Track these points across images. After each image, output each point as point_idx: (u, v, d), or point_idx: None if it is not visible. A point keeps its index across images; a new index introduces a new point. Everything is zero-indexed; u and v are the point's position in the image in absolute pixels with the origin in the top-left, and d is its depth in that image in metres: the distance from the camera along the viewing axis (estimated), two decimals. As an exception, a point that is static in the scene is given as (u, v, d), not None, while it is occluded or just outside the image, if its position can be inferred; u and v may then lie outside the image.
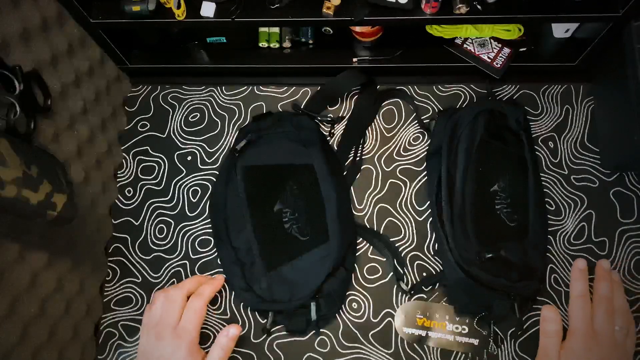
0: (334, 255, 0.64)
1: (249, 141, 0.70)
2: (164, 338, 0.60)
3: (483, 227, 0.64)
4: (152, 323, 0.62)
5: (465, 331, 0.66)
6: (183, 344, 0.60)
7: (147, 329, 0.62)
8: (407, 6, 0.61)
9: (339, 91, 0.76)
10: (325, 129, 0.76)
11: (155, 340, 0.60)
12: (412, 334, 0.66)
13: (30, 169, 0.52)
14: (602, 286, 0.62)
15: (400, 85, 0.77)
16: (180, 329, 0.61)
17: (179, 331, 0.60)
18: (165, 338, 0.60)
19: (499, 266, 0.62)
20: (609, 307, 0.61)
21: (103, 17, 0.65)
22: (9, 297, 0.53)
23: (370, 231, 0.71)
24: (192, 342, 0.60)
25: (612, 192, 0.71)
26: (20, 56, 0.56)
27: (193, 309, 0.62)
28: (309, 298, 0.63)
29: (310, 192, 0.68)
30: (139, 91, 0.80)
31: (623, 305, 0.62)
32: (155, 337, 0.60)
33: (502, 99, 0.75)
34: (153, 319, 0.62)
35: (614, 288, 0.63)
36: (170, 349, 0.59)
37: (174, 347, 0.59)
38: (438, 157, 0.68)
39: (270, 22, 0.66)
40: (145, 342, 0.61)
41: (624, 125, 0.65)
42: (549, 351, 0.60)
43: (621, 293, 0.63)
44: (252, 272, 0.66)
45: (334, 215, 0.66)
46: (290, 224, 0.67)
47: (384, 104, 0.76)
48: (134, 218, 0.74)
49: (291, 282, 0.65)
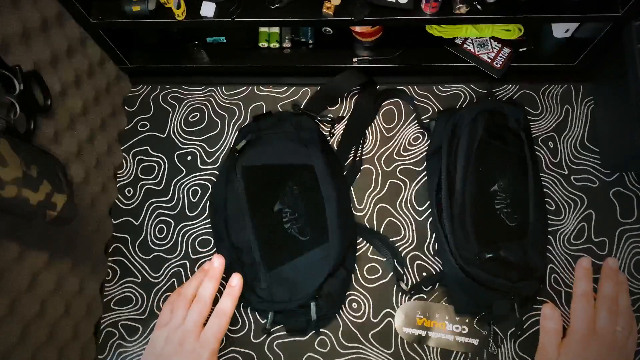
0: (334, 256, 0.64)
1: (249, 141, 0.70)
2: (187, 345, 0.58)
3: (483, 227, 0.64)
4: (174, 325, 0.60)
5: (465, 331, 0.66)
6: (205, 354, 0.58)
7: (168, 329, 0.60)
8: (407, 6, 0.61)
9: (339, 91, 0.76)
10: (325, 129, 0.76)
11: (178, 345, 0.58)
12: (412, 334, 0.66)
13: (30, 169, 0.52)
14: (607, 285, 0.62)
15: (400, 85, 0.77)
16: (204, 339, 0.59)
17: (203, 341, 0.59)
18: (188, 345, 0.58)
19: (498, 266, 0.62)
20: (613, 307, 0.61)
21: (103, 17, 0.65)
22: (9, 297, 0.53)
23: (370, 231, 0.71)
24: (213, 353, 0.59)
25: (612, 192, 0.71)
26: (20, 56, 0.56)
27: (217, 324, 0.60)
28: (309, 298, 0.63)
29: (310, 192, 0.68)
30: (139, 91, 0.80)
31: (627, 306, 0.62)
32: (179, 342, 0.58)
33: (502, 99, 0.75)
34: (176, 321, 0.60)
35: (620, 288, 0.62)
36: (192, 356, 0.58)
37: (196, 356, 0.58)
38: (438, 157, 0.68)
39: (270, 22, 0.66)
40: (164, 344, 0.59)
41: (624, 125, 0.65)
42: (547, 348, 0.60)
43: (626, 294, 0.63)
44: (252, 272, 0.66)
45: (334, 216, 0.66)
46: (290, 224, 0.67)
47: (384, 104, 0.76)
48: (134, 218, 0.74)
49: (291, 282, 0.65)
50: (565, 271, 0.68)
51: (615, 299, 0.61)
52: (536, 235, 0.65)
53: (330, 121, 0.75)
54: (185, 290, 0.63)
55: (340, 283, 0.66)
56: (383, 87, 0.77)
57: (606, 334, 0.59)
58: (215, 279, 0.63)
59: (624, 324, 0.60)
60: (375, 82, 0.76)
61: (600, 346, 0.58)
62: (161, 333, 0.60)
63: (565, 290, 0.67)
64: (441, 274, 0.67)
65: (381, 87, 0.77)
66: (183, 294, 0.62)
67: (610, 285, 0.62)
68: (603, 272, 0.64)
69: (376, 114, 0.76)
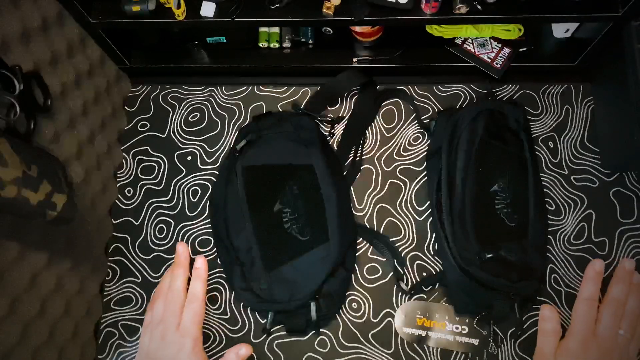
0: (334, 255, 0.64)
1: (248, 141, 0.70)
2: (169, 337, 0.60)
3: (483, 227, 0.64)
4: (155, 322, 0.62)
5: (465, 331, 0.66)
6: (187, 342, 0.60)
7: (151, 328, 0.62)
8: (407, 6, 0.61)
9: (339, 91, 0.76)
10: (326, 129, 0.76)
11: (160, 340, 0.60)
12: (412, 334, 0.66)
13: (30, 169, 0.52)
14: (618, 288, 0.61)
15: (400, 85, 0.77)
16: (184, 328, 0.61)
17: (183, 330, 0.60)
18: (169, 337, 0.60)
19: (498, 266, 0.62)
20: (619, 310, 0.60)
21: (103, 17, 0.65)
22: (9, 297, 0.53)
23: (371, 231, 0.71)
24: (197, 340, 0.60)
25: (612, 192, 0.71)
26: (20, 56, 0.56)
27: (192, 309, 0.62)
28: (309, 298, 0.63)
29: (310, 192, 0.68)
30: (139, 91, 0.80)
31: (633, 310, 0.60)
32: (160, 336, 0.60)
33: (502, 99, 0.75)
34: (156, 318, 0.62)
35: (632, 290, 0.61)
36: (175, 347, 0.59)
37: (179, 346, 0.59)
38: (438, 158, 0.68)
39: (270, 22, 0.66)
40: (149, 342, 0.61)
41: (624, 125, 0.65)
42: (545, 350, 0.60)
43: (637, 297, 0.61)
44: (252, 272, 0.66)
45: (334, 216, 0.66)
46: (290, 224, 0.67)
47: (384, 104, 0.76)
48: (134, 218, 0.74)
49: (291, 282, 0.65)
50: (565, 271, 0.68)
51: (622, 302, 0.60)
52: (536, 235, 0.65)
53: (330, 121, 0.75)
54: (159, 287, 0.65)
55: (340, 283, 0.66)
56: (383, 87, 0.77)
57: (607, 338, 0.58)
58: (183, 267, 0.65)
59: (626, 328, 0.59)
60: (375, 82, 0.76)
61: (600, 349, 0.58)
62: (145, 333, 0.62)
63: (565, 290, 0.67)
64: (441, 274, 0.67)
65: (381, 87, 0.77)
66: (158, 292, 0.64)
67: (620, 289, 0.61)
68: (616, 274, 0.62)
69: (376, 114, 0.76)
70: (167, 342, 0.59)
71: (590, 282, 0.62)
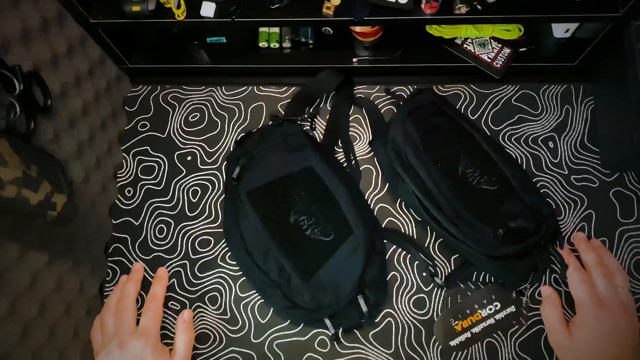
0: (364, 244, 0.64)
1: (242, 167, 0.70)
2: (127, 343, 0.61)
3: (478, 208, 0.65)
4: (109, 337, 0.62)
5: (498, 307, 0.66)
6: (148, 341, 0.61)
7: (105, 346, 0.62)
8: (407, 6, 0.61)
9: (317, 93, 0.76)
10: (307, 126, 0.76)
11: (120, 350, 0.60)
12: (460, 343, 0.65)
13: (30, 169, 0.52)
14: (589, 255, 0.64)
15: (400, 85, 0.77)
16: (142, 329, 0.62)
17: (141, 331, 0.62)
18: (128, 343, 0.61)
19: (516, 230, 0.63)
20: (605, 271, 0.62)
21: (103, 17, 0.65)
22: (9, 297, 0.53)
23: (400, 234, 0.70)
24: (156, 339, 0.62)
25: (612, 192, 0.71)
26: (20, 56, 0.56)
27: (152, 309, 0.64)
28: (355, 293, 0.63)
29: (319, 193, 0.68)
30: (139, 91, 0.80)
31: (616, 265, 0.63)
32: (119, 346, 0.60)
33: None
34: (109, 333, 0.63)
35: (600, 252, 0.64)
36: (137, 349, 0.60)
37: (141, 347, 0.60)
38: (402, 183, 0.68)
39: (270, 22, 0.66)
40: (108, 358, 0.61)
41: (624, 125, 0.65)
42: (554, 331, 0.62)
43: (608, 254, 0.65)
44: (292, 289, 0.65)
45: (350, 207, 0.66)
46: (311, 230, 0.67)
47: (383, 104, 0.77)
48: (134, 218, 0.74)
49: (332, 284, 0.64)
50: (565, 271, 0.68)
51: (602, 263, 0.63)
52: (520, 181, 0.67)
53: (310, 116, 0.75)
54: (106, 304, 0.67)
55: (378, 267, 0.66)
56: (383, 87, 0.77)
57: (611, 299, 0.60)
58: (135, 281, 0.68)
59: (622, 283, 0.62)
60: (353, 81, 0.76)
61: (611, 313, 0.59)
62: (100, 357, 0.61)
63: (566, 290, 0.66)
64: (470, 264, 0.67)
65: (381, 87, 0.77)
66: (103, 310, 0.66)
67: (590, 255, 0.64)
68: (579, 247, 0.66)
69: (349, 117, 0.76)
70: (128, 348, 0.60)
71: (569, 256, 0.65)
